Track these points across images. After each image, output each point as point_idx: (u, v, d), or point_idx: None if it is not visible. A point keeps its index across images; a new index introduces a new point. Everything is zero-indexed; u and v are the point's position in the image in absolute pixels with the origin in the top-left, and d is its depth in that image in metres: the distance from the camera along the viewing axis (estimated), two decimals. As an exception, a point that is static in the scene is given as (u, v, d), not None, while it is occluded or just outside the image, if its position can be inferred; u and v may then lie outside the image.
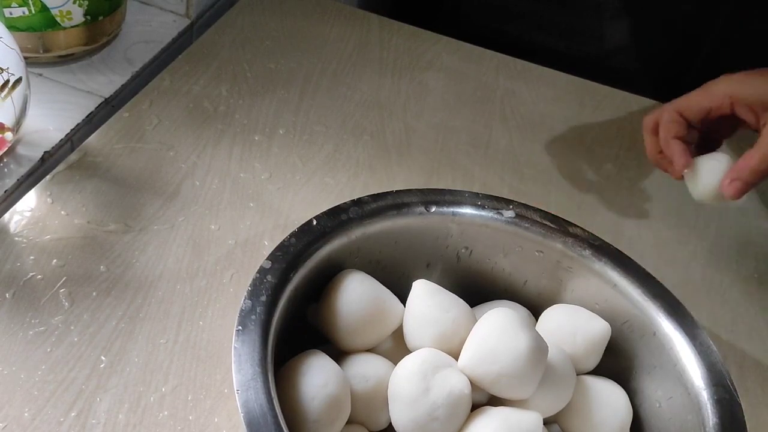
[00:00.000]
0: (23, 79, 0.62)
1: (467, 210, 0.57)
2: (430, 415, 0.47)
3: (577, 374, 0.53)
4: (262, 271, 0.49)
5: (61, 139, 0.68)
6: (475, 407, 0.50)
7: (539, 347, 0.49)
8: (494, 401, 0.51)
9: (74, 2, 0.71)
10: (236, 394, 0.43)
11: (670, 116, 0.64)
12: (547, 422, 0.52)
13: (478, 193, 0.58)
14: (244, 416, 0.42)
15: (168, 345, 0.56)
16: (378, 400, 0.50)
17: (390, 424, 0.50)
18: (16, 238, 0.60)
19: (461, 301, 0.53)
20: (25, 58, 0.64)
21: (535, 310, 0.58)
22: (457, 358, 0.50)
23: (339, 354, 0.52)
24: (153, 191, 0.66)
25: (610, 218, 0.74)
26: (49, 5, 0.70)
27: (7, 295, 0.57)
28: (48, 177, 0.65)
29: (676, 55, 1.18)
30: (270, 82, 0.80)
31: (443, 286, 0.54)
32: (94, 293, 0.58)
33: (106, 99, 0.73)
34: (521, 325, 0.49)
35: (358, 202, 0.55)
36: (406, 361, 0.49)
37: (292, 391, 0.47)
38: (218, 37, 0.84)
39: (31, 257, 0.59)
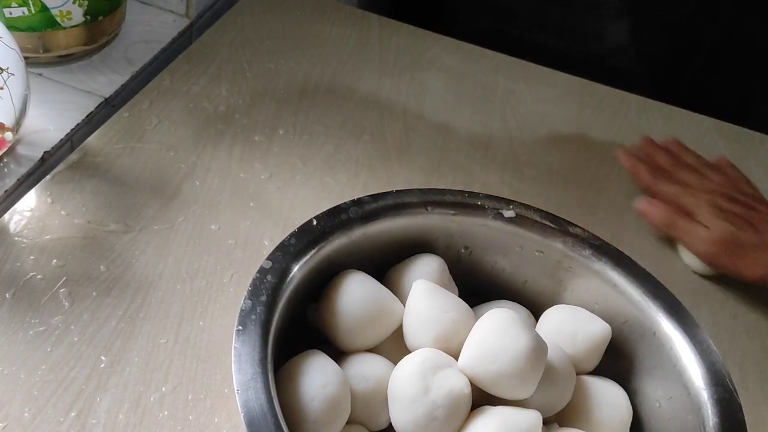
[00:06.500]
0: (23, 79, 0.62)
1: (467, 210, 0.57)
2: (430, 415, 0.47)
3: (577, 375, 0.53)
4: (262, 271, 0.49)
5: (61, 139, 0.68)
6: (475, 407, 0.50)
7: (539, 347, 0.49)
8: (494, 401, 0.51)
9: (74, 2, 0.71)
10: (236, 394, 0.43)
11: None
12: (546, 422, 0.52)
13: (478, 193, 0.58)
14: (244, 416, 0.43)
15: (168, 345, 0.56)
16: (378, 400, 0.50)
17: (390, 424, 0.50)
18: (16, 238, 0.60)
19: (461, 301, 0.53)
20: (25, 58, 0.64)
21: (535, 310, 0.58)
22: (457, 358, 0.50)
23: (339, 354, 0.52)
24: (153, 191, 0.66)
25: (610, 218, 0.74)
26: (49, 5, 0.70)
27: (7, 295, 0.57)
28: (48, 177, 0.65)
29: (676, 55, 1.18)
30: (270, 82, 0.80)
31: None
32: (94, 293, 0.58)
33: (106, 99, 0.73)
34: (521, 325, 0.49)
35: (358, 202, 0.55)
36: (406, 361, 0.49)
37: (292, 391, 0.47)
38: (218, 37, 0.84)
39: (31, 257, 0.59)
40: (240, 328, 0.46)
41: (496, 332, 0.49)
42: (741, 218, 0.67)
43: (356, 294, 0.52)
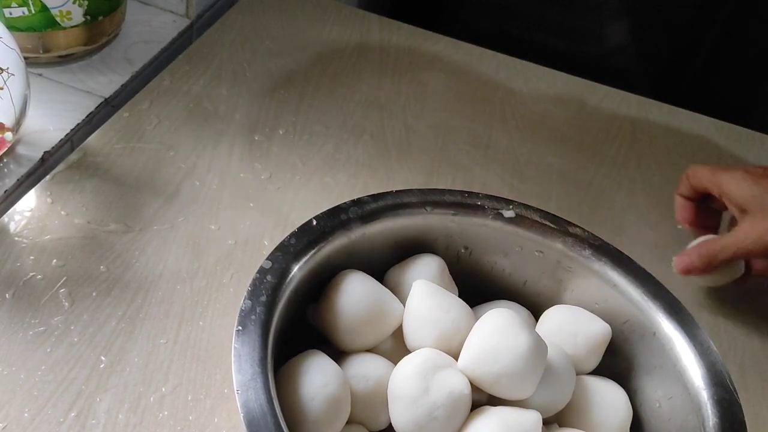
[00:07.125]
0: (23, 79, 0.62)
1: (467, 210, 0.57)
2: (430, 415, 0.47)
3: (577, 375, 0.53)
4: (262, 271, 0.49)
5: (61, 139, 0.68)
6: (475, 407, 0.50)
7: (539, 347, 0.49)
8: (494, 401, 0.51)
9: (74, 2, 0.71)
10: (236, 394, 0.43)
11: (685, 176, 0.68)
12: (547, 422, 0.52)
13: (478, 193, 0.58)
14: (244, 416, 0.43)
15: (168, 345, 0.56)
16: (378, 400, 0.50)
17: (390, 424, 0.50)
18: (16, 238, 0.60)
19: (461, 301, 0.53)
20: (25, 58, 0.64)
21: (535, 310, 0.58)
22: (457, 359, 0.50)
23: (339, 354, 0.52)
24: (153, 191, 0.66)
25: (610, 218, 0.74)
26: (49, 5, 0.70)
27: (7, 295, 0.57)
28: (48, 177, 0.65)
29: (676, 55, 1.18)
30: (270, 82, 0.80)
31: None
32: (94, 293, 0.58)
33: (106, 99, 0.73)
34: (521, 325, 0.49)
35: (358, 202, 0.55)
36: (406, 361, 0.49)
37: (292, 391, 0.47)
38: (218, 37, 0.84)
39: (31, 257, 0.59)
40: (240, 328, 0.46)
41: (496, 333, 0.49)
42: None
43: (356, 294, 0.52)
